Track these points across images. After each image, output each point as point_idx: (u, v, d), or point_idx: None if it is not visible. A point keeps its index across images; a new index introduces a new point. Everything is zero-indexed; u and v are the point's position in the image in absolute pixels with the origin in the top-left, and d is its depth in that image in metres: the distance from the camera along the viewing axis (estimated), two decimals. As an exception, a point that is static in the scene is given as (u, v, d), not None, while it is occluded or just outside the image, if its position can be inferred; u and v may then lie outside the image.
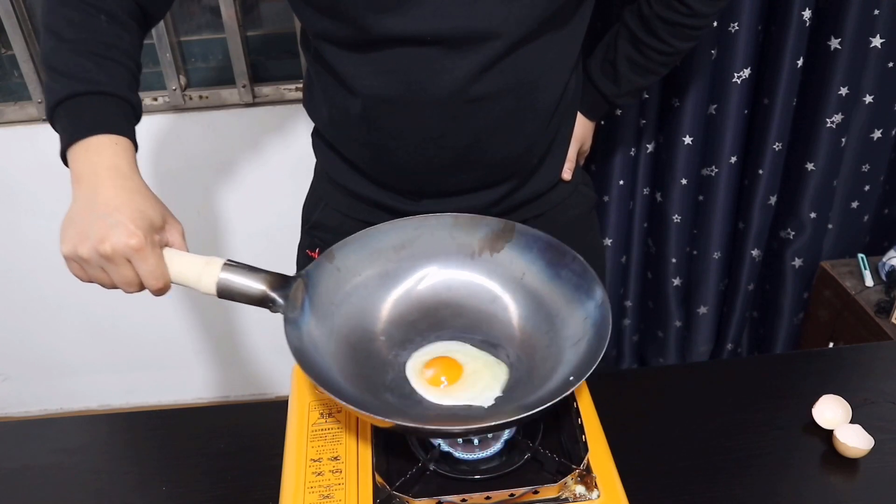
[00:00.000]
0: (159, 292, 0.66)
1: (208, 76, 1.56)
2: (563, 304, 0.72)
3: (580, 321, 0.69)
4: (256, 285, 0.66)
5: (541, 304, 0.74)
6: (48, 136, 1.51)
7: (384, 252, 0.77)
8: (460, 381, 0.69)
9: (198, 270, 0.65)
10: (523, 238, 0.76)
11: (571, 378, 0.63)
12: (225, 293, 0.66)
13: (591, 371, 0.62)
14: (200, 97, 1.54)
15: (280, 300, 0.66)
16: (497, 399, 0.68)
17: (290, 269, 1.04)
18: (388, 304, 0.76)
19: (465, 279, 0.78)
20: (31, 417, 2.01)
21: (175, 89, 1.51)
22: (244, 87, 1.52)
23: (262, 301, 0.66)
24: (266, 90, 1.54)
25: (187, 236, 0.70)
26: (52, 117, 0.69)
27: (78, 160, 0.66)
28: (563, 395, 0.60)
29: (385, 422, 0.59)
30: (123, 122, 0.69)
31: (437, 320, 0.76)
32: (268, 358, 1.97)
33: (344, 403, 0.59)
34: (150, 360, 1.93)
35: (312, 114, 0.92)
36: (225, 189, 1.67)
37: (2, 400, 2.00)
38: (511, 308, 0.76)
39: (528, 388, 0.67)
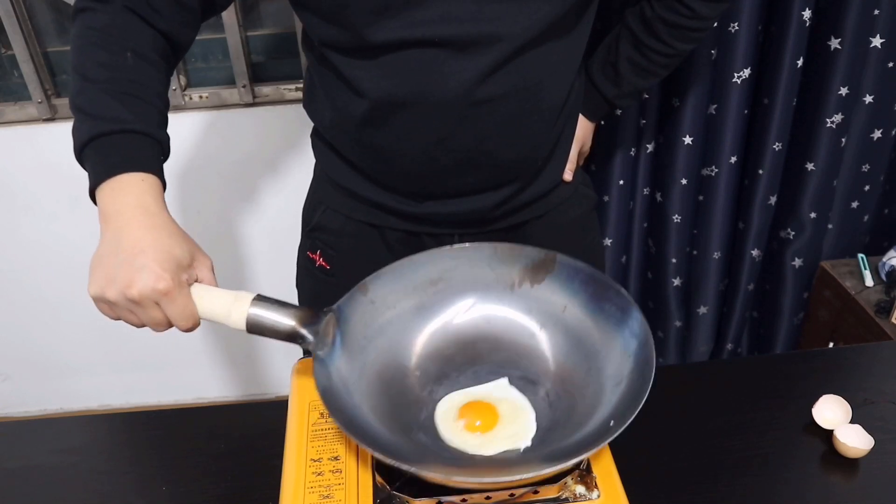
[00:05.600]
0: (188, 330, 0.65)
1: (208, 76, 1.56)
2: (604, 342, 0.68)
3: (622, 360, 0.66)
4: (286, 321, 0.65)
5: (581, 341, 0.70)
6: (48, 136, 1.54)
7: (420, 284, 0.73)
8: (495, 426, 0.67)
9: (227, 307, 0.65)
10: (565, 269, 0.72)
11: (612, 423, 0.60)
12: (254, 328, 0.65)
13: (634, 416, 0.59)
14: (200, 97, 1.54)
15: (310, 336, 0.65)
16: (533, 440, 0.65)
17: (290, 268, 1.04)
18: (424, 337, 0.73)
19: (504, 312, 0.74)
20: (31, 417, 2.01)
21: (175, 89, 1.51)
22: (244, 87, 1.52)
23: (291, 337, 0.65)
24: (266, 90, 1.54)
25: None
26: (81, 158, 0.69)
27: (105, 199, 0.66)
28: (604, 443, 0.58)
29: (417, 473, 0.58)
30: (151, 159, 0.69)
31: (474, 354, 0.73)
32: (268, 358, 1.97)
33: (372, 451, 0.58)
34: (151, 360, 1.93)
35: (313, 115, 0.92)
36: (225, 189, 1.66)
37: (2, 400, 2.00)
38: (550, 344, 0.72)
39: (567, 430, 0.65)
